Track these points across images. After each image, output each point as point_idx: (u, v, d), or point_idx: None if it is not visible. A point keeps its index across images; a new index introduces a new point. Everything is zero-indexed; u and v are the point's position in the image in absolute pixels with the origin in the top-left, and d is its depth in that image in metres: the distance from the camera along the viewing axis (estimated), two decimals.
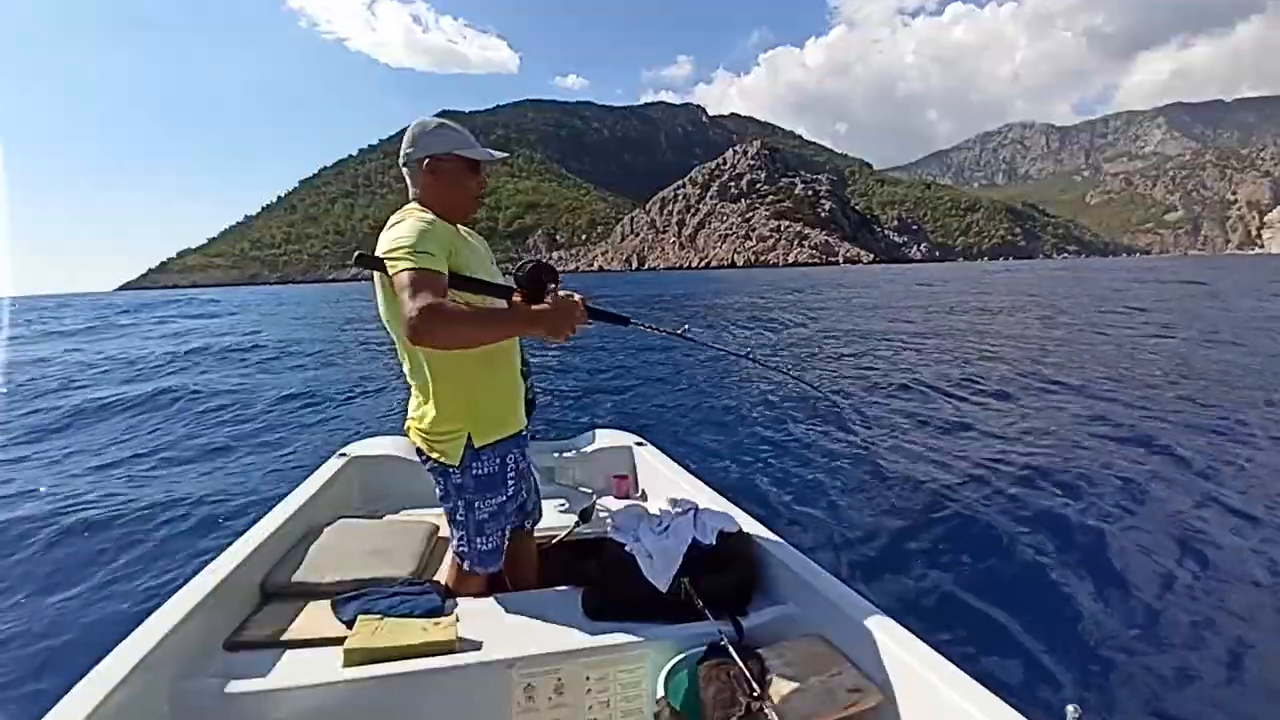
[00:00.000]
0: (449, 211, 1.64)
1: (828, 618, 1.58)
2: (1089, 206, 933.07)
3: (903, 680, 1.34)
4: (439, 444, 1.65)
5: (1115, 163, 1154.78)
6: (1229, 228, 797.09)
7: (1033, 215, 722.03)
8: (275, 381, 11.38)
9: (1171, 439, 5.77)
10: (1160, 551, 3.63)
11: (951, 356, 11.49)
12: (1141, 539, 3.80)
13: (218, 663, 1.47)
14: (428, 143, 1.61)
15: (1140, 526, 4.04)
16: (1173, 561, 3.52)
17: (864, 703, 1.33)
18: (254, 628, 1.61)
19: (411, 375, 1.69)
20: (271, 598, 1.77)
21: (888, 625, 1.46)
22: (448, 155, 1.61)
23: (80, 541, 3.81)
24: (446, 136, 1.62)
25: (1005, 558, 3.63)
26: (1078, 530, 3.90)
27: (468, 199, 1.68)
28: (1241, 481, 4.64)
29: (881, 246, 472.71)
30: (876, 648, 1.42)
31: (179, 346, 17.44)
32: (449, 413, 1.64)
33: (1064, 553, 3.67)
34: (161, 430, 7.25)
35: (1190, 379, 8.48)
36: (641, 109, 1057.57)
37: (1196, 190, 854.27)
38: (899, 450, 5.81)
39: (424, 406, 1.67)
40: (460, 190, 1.65)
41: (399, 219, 1.56)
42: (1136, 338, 13.50)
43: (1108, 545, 3.72)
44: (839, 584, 1.67)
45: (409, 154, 1.63)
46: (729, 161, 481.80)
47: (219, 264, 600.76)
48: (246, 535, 1.94)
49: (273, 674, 1.42)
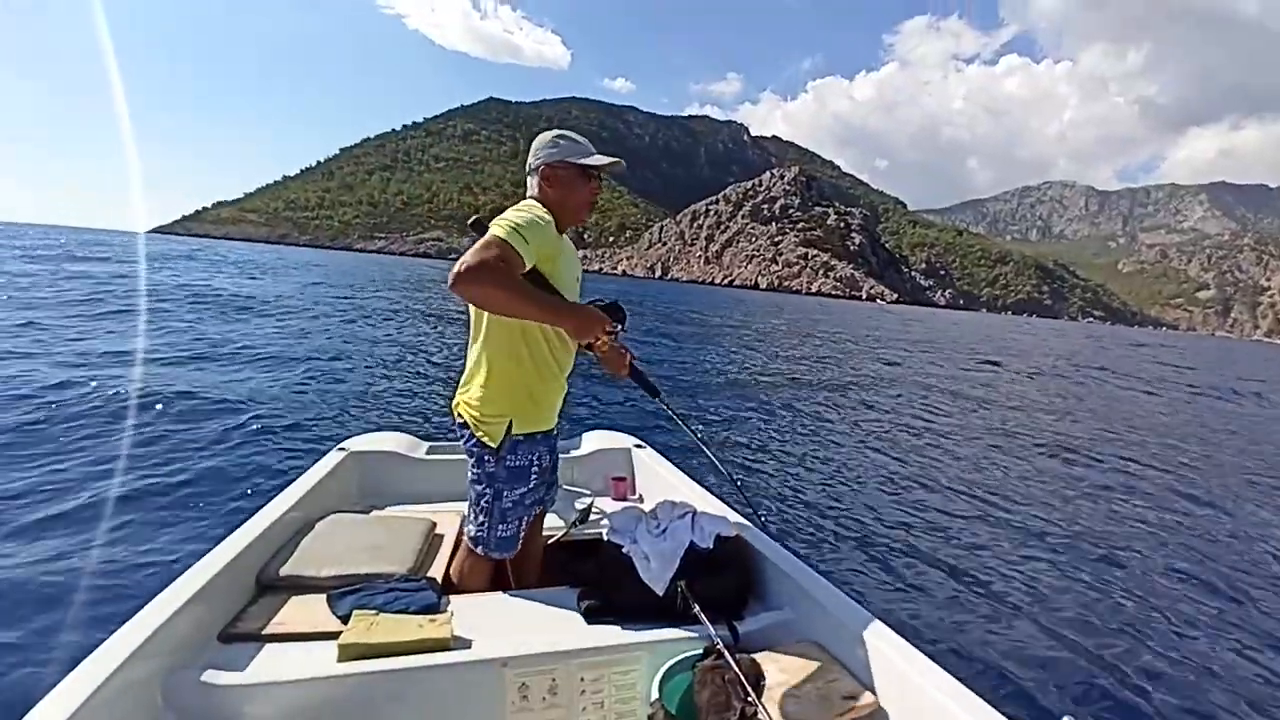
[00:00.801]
0: (564, 215, 1.76)
1: (824, 624, 1.58)
2: (1120, 274, 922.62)
3: (898, 687, 1.34)
4: (485, 424, 1.75)
5: (1152, 234, 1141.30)
6: (1259, 313, 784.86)
7: (1063, 275, 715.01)
8: (275, 375, 11.29)
9: (1158, 463, 6.19)
10: (1154, 563, 3.69)
11: (953, 387, 12.05)
12: (1136, 551, 3.86)
13: (211, 655, 1.46)
14: (546, 153, 1.74)
15: (1134, 538, 4.19)
16: (1166, 574, 3.56)
17: (859, 709, 1.32)
18: (248, 620, 1.60)
19: (481, 353, 1.78)
20: (267, 591, 1.77)
21: (883, 632, 1.46)
22: (561, 163, 1.72)
23: (74, 531, 3.74)
24: (561, 147, 1.74)
25: (1001, 567, 3.65)
26: (1072, 541, 3.98)
27: (580, 203, 1.78)
28: (1229, 498, 4.90)
29: (907, 287, 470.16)
30: (872, 655, 1.41)
31: (190, 324, 16.96)
32: (500, 397, 1.75)
33: (1058, 563, 3.70)
34: (159, 419, 7.08)
35: (1178, 435, 8.81)
36: (685, 120, 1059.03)
37: (1231, 272, 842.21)
38: (897, 461, 6.02)
39: (479, 387, 1.77)
40: (573, 194, 1.75)
41: (525, 205, 1.68)
42: (1127, 392, 13.93)
43: (1102, 556, 3.76)
44: (835, 590, 1.67)
45: (531, 164, 1.77)
46: (765, 184, 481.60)
47: (251, 219, 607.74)
48: (243, 527, 1.93)
49: (266, 667, 1.41)
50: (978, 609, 3.15)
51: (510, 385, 1.75)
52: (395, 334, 16.03)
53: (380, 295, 28.02)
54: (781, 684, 1.37)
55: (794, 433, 7.07)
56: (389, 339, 15.88)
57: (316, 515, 2.20)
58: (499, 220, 1.56)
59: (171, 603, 1.46)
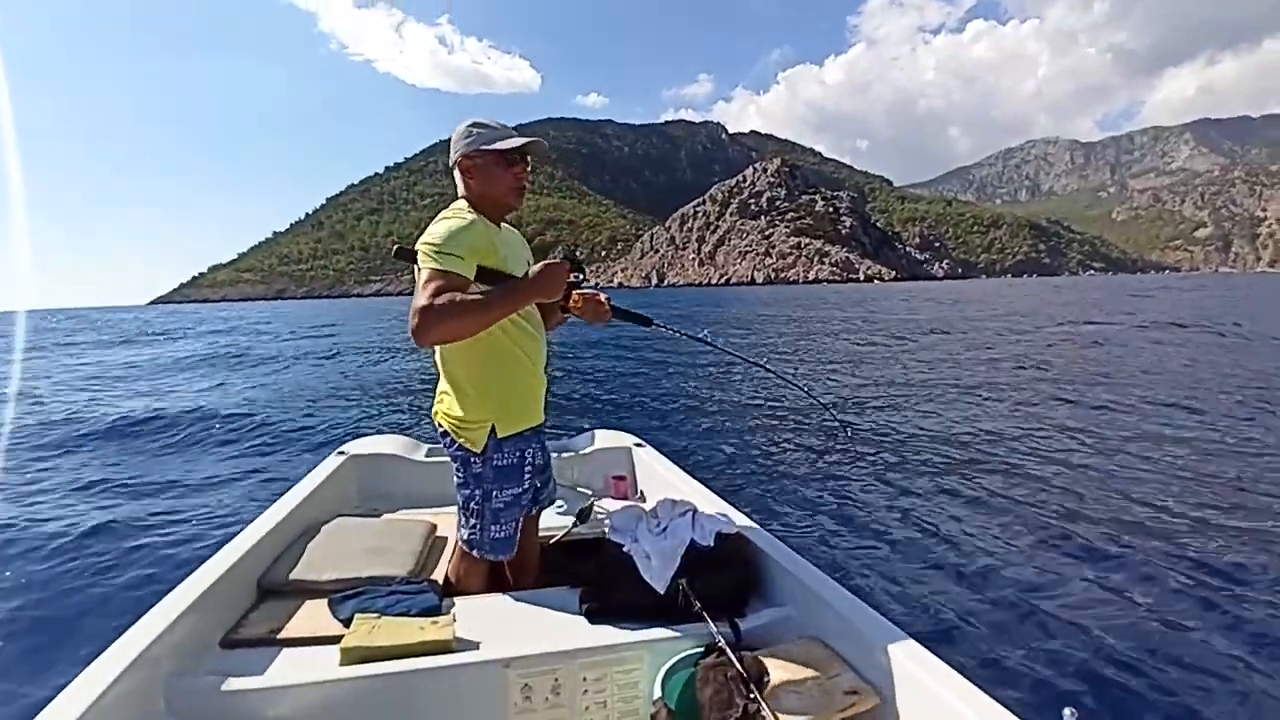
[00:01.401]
0: (491, 205, 1.71)
1: (825, 620, 1.58)
2: (1115, 223, 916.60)
3: (900, 683, 1.34)
4: (465, 431, 1.71)
5: (1142, 179, 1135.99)
6: (1260, 244, 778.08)
7: (1057, 232, 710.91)
8: (275, 380, 11.63)
9: (1167, 444, 5.83)
10: (1156, 556, 3.65)
11: (954, 369, 11.64)
12: (1138, 542, 3.82)
13: (214, 660, 1.47)
14: (459, 145, 1.70)
15: (1138, 530, 4.08)
16: (1170, 567, 3.52)
17: (861, 705, 1.33)
18: (250, 625, 1.60)
19: (443, 365, 1.75)
20: (268, 595, 1.77)
21: (886, 628, 1.46)
22: (476, 152, 1.67)
23: (77, 538, 3.81)
24: (475, 135, 1.68)
25: (1004, 561, 3.63)
26: (1075, 534, 3.94)
27: (504, 190, 1.71)
28: (1237, 490, 4.67)
29: (903, 264, 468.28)
30: (874, 650, 1.41)
31: (193, 351, 17.71)
32: (476, 403, 1.71)
33: (1062, 557, 3.68)
34: (162, 428, 7.24)
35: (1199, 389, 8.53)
36: (662, 127, 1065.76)
37: (1226, 207, 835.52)
38: (897, 454, 5.85)
39: (453, 396, 1.74)
40: (495, 183, 1.69)
41: (442, 216, 1.64)
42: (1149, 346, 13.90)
43: (1106, 548, 3.76)
44: (837, 586, 1.67)
45: (451, 160, 1.73)
46: (749, 179, 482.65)
47: (247, 279, 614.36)
48: (244, 532, 1.93)
49: (269, 672, 1.42)
50: (980, 603, 3.12)
51: (483, 388, 1.72)
52: (394, 337, 16.40)
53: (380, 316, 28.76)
54: (784, 681, 1.38)
55: (794, 429, 6.94)
56: (387, 343, 16.24)
57: (317, 519, 2.19)
58: (421, 247, 1.53)
59: (174, 608, 1.46)
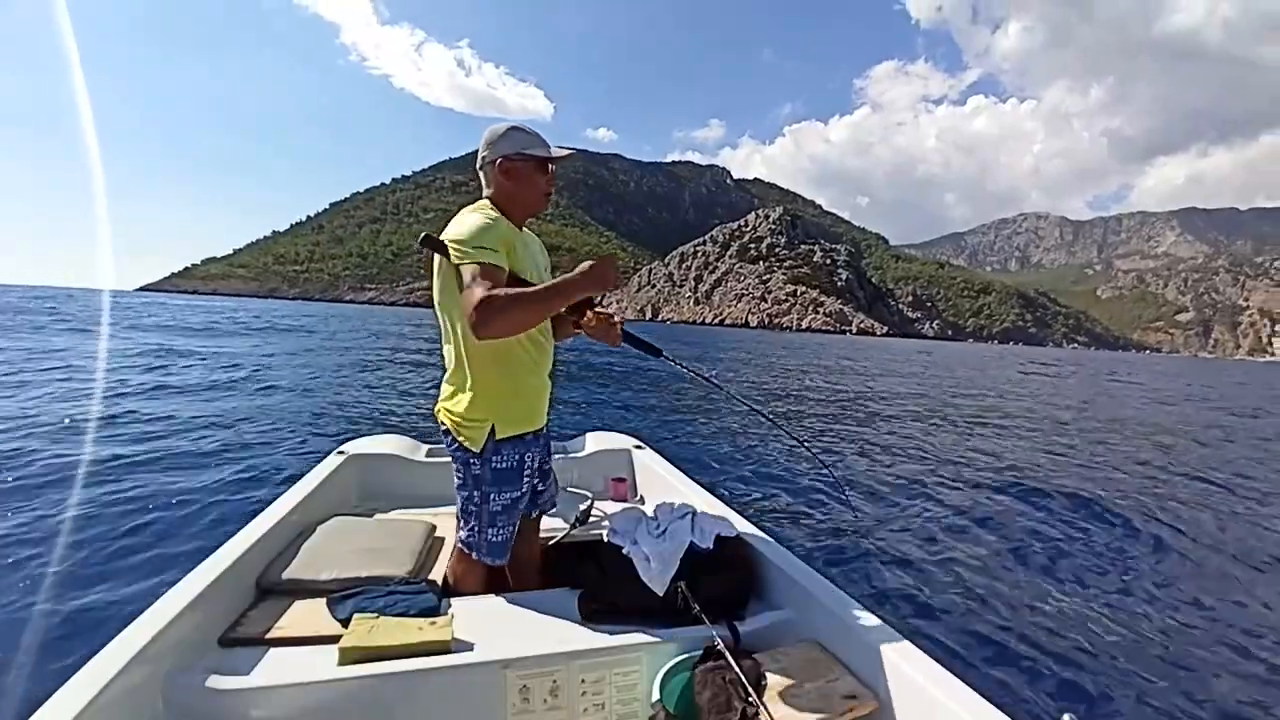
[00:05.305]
0: (521, 208, 1.75)
1: (824, 624, 1.58)
2: (1100, 300, 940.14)
3: (899, 687, 1.34)
4: (465, 429, 1.72)
5: (1127, 260, 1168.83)
6: (1240, 333, 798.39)
7: (1044, 304, 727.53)
8: (275, 380, 11.45)
9: (1155, 463, 6.19)
10: (1156, 563, 3.67)
11: (950, 403, 12.32)
12: (1137, 550, 3.85)
13: (212, 659, 1.46)
14: (501, 146, 1.71)
15: (1135, 539, 4.14)
16: (1168, 574, 3.54)
17: (860, 709, 1.33)
18: (249, 624, 1.60)
19: (451, 360, 1.76)
20: (267, 594, 1.77)
21: (884, 632, 1.46)
22: (519, 155, 1.70)
23: (76, 536, 3.74)
24: (517, 138, 1.71)
25: (1002, 567, 3.64)
26: (1073, 541, 3.97)
27: (538, 195, 1.76)
28: (1231, 504, 4.92)
29: (895, 320, 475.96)
30: (873, 654, 1.41)
31: (184, 344, 17.36)
32: (479, 402, 1.71)
33: (1059, 562, 3.70)
34: (161, 426, 7.09)
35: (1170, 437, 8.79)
36: (668, 165, 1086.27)
37: (1209, 294, 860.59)
38: (894, 459, 6.10)
39: (458, 392, 1.74)
40: (532, 187, 1.74)
41: (470, 212, 1.67)
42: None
43: (1103, 555, 3.78)
44: (836, 590, 1.67)
45: (484, 157, 1.73)
46: (751, 224, 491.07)
47: (240, 274, 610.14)
48: (243, 531, 1.92)
49: (267, 671, 1.41)
50: (979, 608, 3.13)
51: (488, 387, 1.72)
52: (392, 339, 16.03)
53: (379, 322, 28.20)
54: (782, 684, 1.37)
55: (794, 435, 7.23)
56: (385, 345, 15.92)
57: (316, 519, 2.18)
58: (455, 245, 1.54)
59: (172, 607, 1.45)
